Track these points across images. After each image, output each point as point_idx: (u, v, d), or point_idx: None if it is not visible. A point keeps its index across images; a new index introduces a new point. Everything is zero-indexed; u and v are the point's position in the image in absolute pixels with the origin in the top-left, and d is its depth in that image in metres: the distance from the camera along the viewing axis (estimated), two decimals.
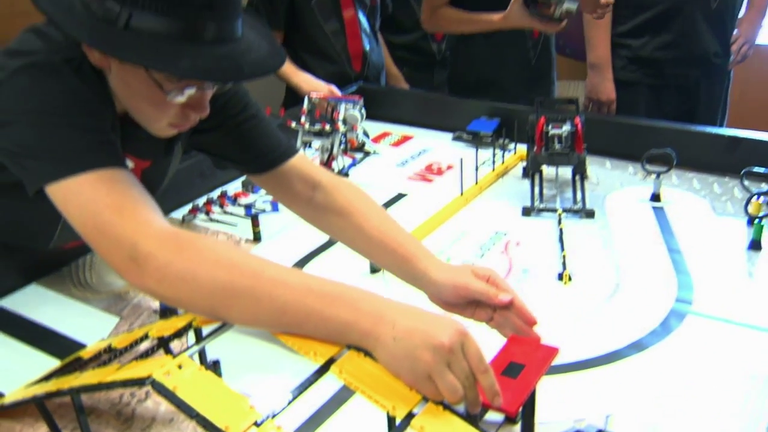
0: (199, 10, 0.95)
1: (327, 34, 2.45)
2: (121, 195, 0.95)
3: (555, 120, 1.75)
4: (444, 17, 2.35)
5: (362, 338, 0.83)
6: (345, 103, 1.96)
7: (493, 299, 1.05)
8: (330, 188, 1.25)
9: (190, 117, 1.09)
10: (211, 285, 0.87)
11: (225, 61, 0.99)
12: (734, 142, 1.88)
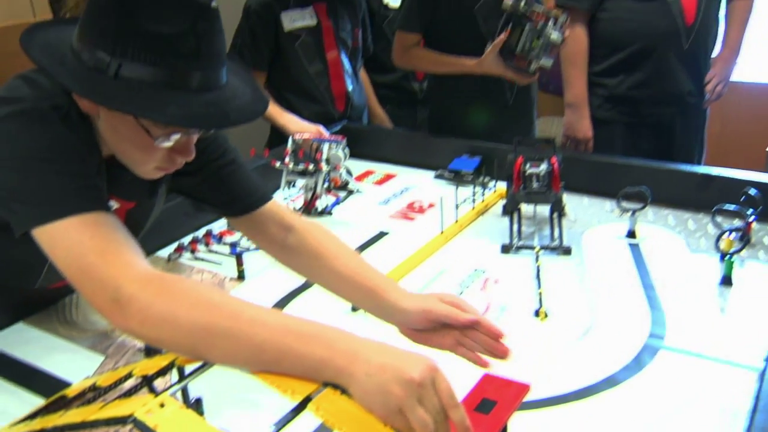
0: (186, 60, 1.00)
1: (311, 75, 2.50)
2: (105, 239, 0.99)
3: (533, 159, 1.80)
4: (416, 56, 2.44)
5: (337, 375, 0.85)
6: (328, 143, 2.01)
7: (458, 319, 1.11)
8: (302, 231, 1.31)
9: (177, 161, 1.13)
10: (192, 326, 0.90)
11: (211, 108, 1.03)
12: (707, 179, 1.93)
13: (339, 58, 2.54)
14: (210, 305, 0.92)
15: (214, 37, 1.04)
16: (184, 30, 1.00)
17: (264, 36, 2.44)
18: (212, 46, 1.04)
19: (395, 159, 2.38)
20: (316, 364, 0.86)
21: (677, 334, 1.37)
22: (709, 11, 2.49)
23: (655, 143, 2.58)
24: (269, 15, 2.45)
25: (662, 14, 2.42)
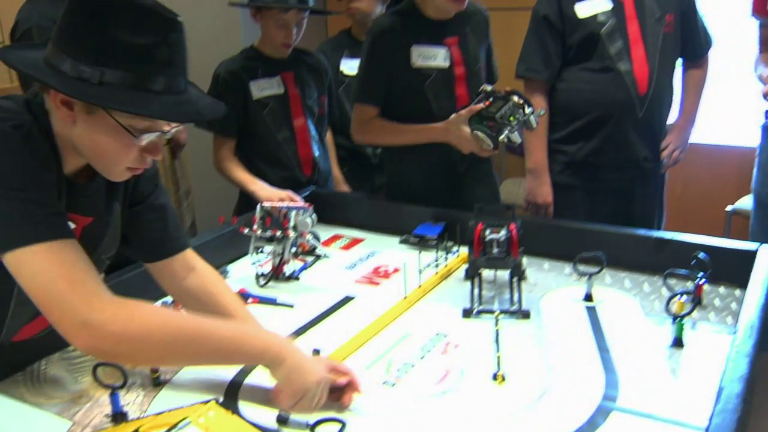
0: (160, 67, 1.18)
1: (279, 141, 2.58)
2: (72, 266, 1.15)
3: (493, 226, 1.86)
4: (376, 128, 2.44)
5: (272, 361, 1.30)
6: (296, 210, 2.06)
7: (333, 382, 1.35)
8: (202, 278, 1.53)
9: (147, 159, 1.27)
10: (164, 342, 1.19)
11: (184, 106, 1.21)
12: (661, 243, 2.01)
13: (306, 124, 2.62)
14: (176, 323, 1.22)
15: (182, 46, 1.22)
16: (158, 41, 1.17)
17: (232, 104, 2.52)
18: (180, 54, 1.22)
19: (362, 224, 2.44)
20: (259, 354, 1.29)
21: (630, 395, 1.41)
22: (661, 81, 2.60)
23: (615, 208, 2.67)
24: (237, 83, 2.53)
25: (617, 85, 2.53)
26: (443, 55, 2.35)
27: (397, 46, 2.32)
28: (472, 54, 2.42)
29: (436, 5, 2.32)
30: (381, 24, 2.36)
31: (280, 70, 2.59)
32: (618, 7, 2.56)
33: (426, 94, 2.36)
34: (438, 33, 2.36)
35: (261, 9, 2.50)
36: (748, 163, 4.07)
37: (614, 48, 2.54)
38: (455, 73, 2.38)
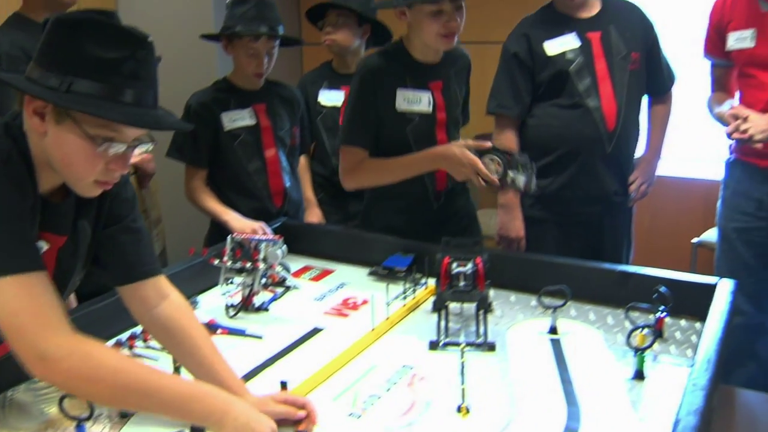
0: (127, 80, 1.25)
1: (250, 172, 2.61)
2: (38, 301, 1.21)
3: (459, 259, 1.90)
4: (366, 170, 2.34)
5: (215, 424, 1.27)
6: (266, 242, 2.08)
7: (293, 417, 1.40)
8: (173, 307, 1.54)
9: (115, 173, 1.32)
10: (113, 387, 1.21)
11: (150, 116, 1.29)
12: (624, 276, 2.05)
13: (277, 156, 2.65)
14: (128, 372, 1.24)
15: (150, 64, 1.29)
16: (126, 55, 1.24)
17: (204, 135, 2.55)
18: (148, 70, 1.28)
19: (332, 255, 2.46)
20: (203, 417, 1.28)
21: (591, 428, 1.44)
22: (628, 117, 2.67)
23: (585, 240, 2.71)
24: (209, 115, 2.56)
25: (586, 121, 2.59)
26: (427, 100, 2.31)
27: (383, 87, 2.29)
28: (453, 99, 2.41)
29: (425, 44, 2.28)
30: (369, 64, 2.31)
31: (252, 102, 2.62)
32: (586, 46, 2.63)
33: (407, 139, 2.32)
34: (423, 76, 2.33)
35: (232, 40, 2.55)
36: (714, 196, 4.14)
37: (583, 85, 2.61)
38: (437, 118, 2.35)
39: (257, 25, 2.50)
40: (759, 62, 2.50)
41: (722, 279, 1.97)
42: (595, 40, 2.65)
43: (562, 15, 2.65)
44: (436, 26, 2.18)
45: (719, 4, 2.66)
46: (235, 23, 2.52)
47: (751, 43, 2.51)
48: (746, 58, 2.54)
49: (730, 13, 2.59)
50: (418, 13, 2.19)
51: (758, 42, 2.49)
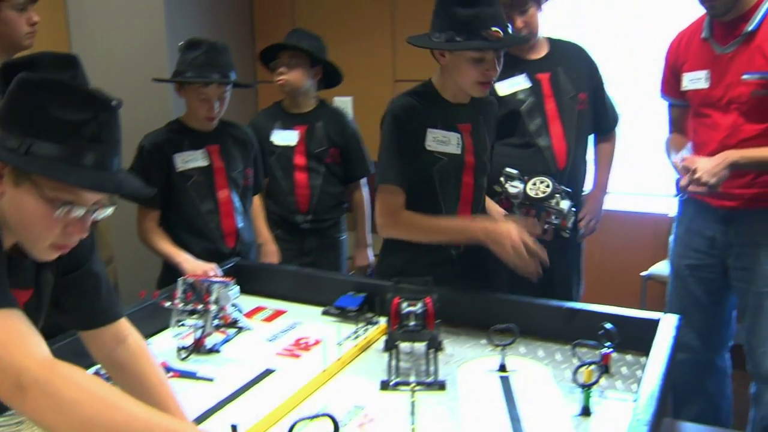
0: (88, 142, 1.23)
1: (202, 213, 2.61)
2: (9, 331, 1.17)
3: (410, 298, 1.92)
4: (406, 223, 2.24)
5: None
6: (218, 284, 2.08)
7: None
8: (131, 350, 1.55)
9: (72, 237, 1.30)
10: (91, 418, 1.12)
11: (111, 180, 1.26)
12: (572, 313, 2.09)
13: (230, 197, 2.67)
14: (105, 402, 1.15)
15: (113, 127, 1.28)
16: (88, 117, 1.23)
17: (156, 176, 2.55)
18: (111, 134, 1.27)
19: (285, 296, 2.47)
20: None
21: None
22: (577, 156, 2.74)
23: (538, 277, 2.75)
24: (161, 155, 2.57)
25: (537, 159, 2.65)
26: (456, 141, 2.28)
27: (415, 126, 2.24)
28: (482, 143, 2.37)
29: (459, 88, 2.26)
30: (402, 103, 2.25)
31: (205, 143, 2.63)
32: (536, 86, 2.69)
33: (433, 178, 2.27)
34: (453, 118, 2.28)
35: (184, 84, 2.56)
36: (662, 230, 4.26)
37: (534, 125, 2.67)
38: (465, 161, 2.30)
39: (208, 71, 2.53)
40: (712, 103, 2.56)
41: (666, 314, 2.02)
42: (544, 80, 2.72)
43: (512, 56, 2.71)
44: (476, 73, 2.17)
45: (674, 45, 2.72)
46: (186, 69, 2.54)
47: (705, 84, 2.57)
48: (701, 98, 2.60)
49: (685, 54, 2.65)
50: (459, 58, 2.16)
51: (712, 83, 2.55)
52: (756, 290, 2.55)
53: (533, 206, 2.34)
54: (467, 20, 2.09)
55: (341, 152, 3.19)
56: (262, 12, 4.93)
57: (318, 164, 3.13)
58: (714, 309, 2.76)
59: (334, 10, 4.71)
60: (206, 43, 2.57)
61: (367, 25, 4.62)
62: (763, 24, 2.42)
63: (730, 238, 2.61)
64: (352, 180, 3.28)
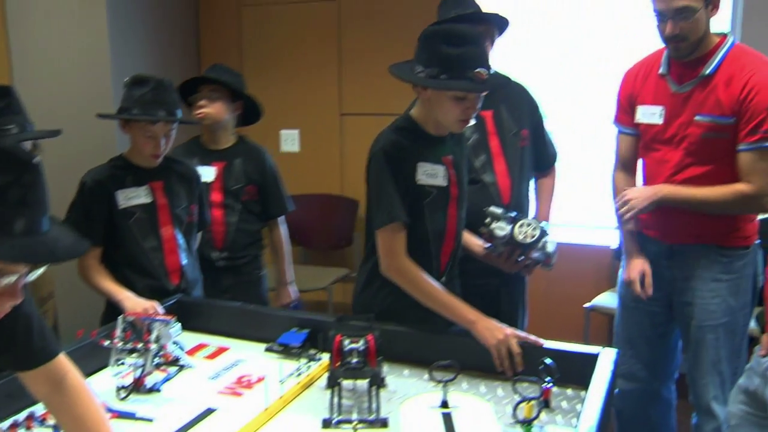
0: (13, 207, 1.17)
1: (145, 250, 2.58)
2: None
3: (352, 336, 1.92)
4: (411, 277, 2.23)
5: None
6: (159, 322, 2.06)
7: None
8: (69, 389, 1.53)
9: (6, 305, 1.27)
10: None
11: (38, 247, 1.20)
12: None
13: (173, 234, 2.64)
14: None
15: (38, 187, 1.22)
16: (9, 181, 1.17)
17: (98, 213, 2.53)
18: (37, 194, 1.21)
19: (228, 332, 2.45)
20: None
21: None
22: (520, 191, 2.79)
23: (482, 310, 2.76)
24: (104, 192, 2.54)
25: (482, 195, 2.67)
26: (443, 174, 2.29)
27: (405, 161, 2.24)
28: (463, 174, 2.41)
29: (441, 124, 2.27)
30: (390, 141, 2.25)
31: (149, 179, 2.61)
32: (480, 123, 2.73)
33: (423, 212, 2.27)
34: (438, 151, 2.31)
35: (129, 120, 2.54)
36: (604, 262, 4.34)
37: (479, 161, 2.71)
38: (451, 193, 2.33)
39: (155, 109, 2.51)
40: (664, 139, 2.61)
41: (605, 349, 2.05)
42: (488, 118, 2.76)
43: None
44: (457, 111, 2.18)
45: (632, 75, 2.76)
46: (132, 105, 2.53)
47: (659, 120, 2.62)
48: (653, 134, 2.65)
49: (641, 87, 2.70)
50: (442, 95, 2.17)
51: (666, 120, 2.60)
52: (698, 324, 2.62)
53: (519, 247, 2.36)
54: (454, 59, 2.11)
55: (259, 190, 3.19)
56: (208, 48, 4.93)
57: (234, 201, 3.11)
58: (660, 341, 2.82)
59: (282, 45, 4.74)
60: (153, 80, 2.56)
61: (314, 60, 4.66)
62: (720, 68, 2.49)
63: (673, 272, 2.68)
64: (270, 218, 3.27)
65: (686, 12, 2.41)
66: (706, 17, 2.46)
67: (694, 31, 2.45)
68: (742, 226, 2.60)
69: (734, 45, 2.54)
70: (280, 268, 3.34)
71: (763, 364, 1.96)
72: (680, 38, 2.46)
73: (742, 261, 2.61)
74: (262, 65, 4.80)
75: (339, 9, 4.57)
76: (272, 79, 4.77)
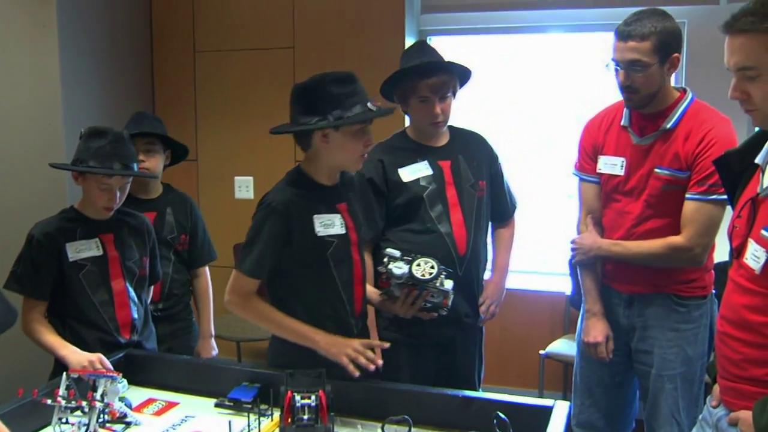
0: None
1: (95, 304, 2.52)
2: None
3: (303, 391, 1.89)
4: (255, 310, 2.29)
5: None
6: (104, 378, 2.01)
7: None
8: None
9: None
10: None
11: None
12: (467, 402, 2.10)
13: (125, 287, 2.59)
14: None
15: None
16: None
17: (46, 266, 2.47)
18: None
19: (178, 386, 2.39)
20: None
21: None
22: (477, 242, 2.78)
23: (438, 361, 2.76)
24: (53, 245, 2.49)
25: (438, 245, 2.66)
26: (339, 222, 2.32)
27: (299, 217, 2.26)
28: (358, 219, 2.44)
29: (332, 169, 2.32)
30: (282, 199, 2.26)
31: (100, 232, 2.57)
32: (438, 174, 2.73)
33: (328, 262, 2.30)
34: (331, 200, 2.34)
35: (84, 172, 2.50)
36: (559, 308, 4.37)
37: (435, 211, 2.70)
38: (350, 239, 2.36)
39: (112, 161, 2.48)
40: (625, 191, 2.64)
41: (558, 402, 2.04)
42: (446, 168, 2.76)
43: (414, 143, 2.77)
44: (360, 146, 2.26)
45: (595, 124, 2.78)
46: (89, 158, 2.49)
47: (620, 171, 2.64)
48: (614, 184, 2.67)
49: (603, 137, 2.72)
50: (345, 134, 2.22)
51: (627, 171, 2.62)
52: (656, 373, 2.63)
53: (416, 286, 2.36)
54: (346, 96, 2.20)
55: (189, 238, 3.16)
56: (162, 93, 4.91)
57: (168, 251, 3.07)
58: (617, 390, 2.82)
59: (237, 92, 4.73)
60: (111, 132, 2.54)
61: (269, 106, 4.64)
62: (680, 122, 2.53)
63: (632, 321, 2.69)
64: (197, 266, 3.24)
65: (638, 65, 2.46)
66: (662, 74, 2.50)
67: (647, 85, 2.49)
68: (699, 276, 2.62)
69: (694, 100, 2.59)
70: (204, 320, 3.26)
71: (715, 415, 1.97)
72: (632, 89, 2.51)
73: (699, 311, 2.63)
74: (216, 111, 4.79)
75: (294, 56, 4.59)
76: (227, 125, 4.76)
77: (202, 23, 4.77)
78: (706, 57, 3.90)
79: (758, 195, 1.83)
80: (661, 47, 2.46)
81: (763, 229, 1.76)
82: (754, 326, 1.79)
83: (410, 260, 2.37)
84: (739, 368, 1.84)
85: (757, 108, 1.75)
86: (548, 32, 4.51)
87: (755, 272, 1.77)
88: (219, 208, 4.78)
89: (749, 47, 1.71)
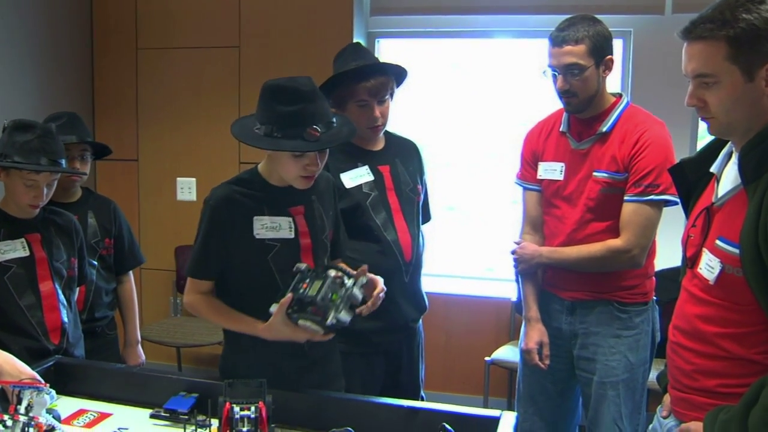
0: None
1: (22, 308, 2.41)
2: None
3: (242, 403, 1.82)
4: (207, 306, 2.25)
5: None
6: (30, 389, 1.90)
7: None
8: None
9: None
10: None
11: None
12: (411, 413, 2.05)
13: (53, 289, 2.49)
14: None
15: None
16: None
17: None
18: None
19: (111, 397, 2.29)
20: None
21: None
22: (419, 247, 2.75)
23: (386, 367, 2.73)
24: None
25: (385, 253, 2.62)
26: (288, 226, 2.22)
27: (237, 217, 2.18)
28: (318, 223, 2.31)
29: (282, 178, 2.21)
30: (221, 195, 2.20)
31: (26, 232, 2.46)
32: (379, 179, 2.68)
33: (269, 266, 2.20)
34: (282, 202, 2.23)
35: (7, 168, 2.39)
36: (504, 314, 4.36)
37: (380, 219, 2.65)
38: (301, 244, 2.25)
39: (38, 157, 2.38)
40: (564, 196, 2.65)
41: (505, 412, 2.01)
42: (386, 173, 2.72)
43: (352, 146, 2.70)
44: (297, 168, 2.14)
45: (534, 133, 2.79)
46: (14, 152, 2.38)
47: (559, 176, 2.66)
48: (553, 190, 2.68)
49: (543, 145, 2.73)
50: (281, 153, 2.13)
51: (566, 176, 2.64)
52: (599, 380, 2.63)
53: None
54: (287, 117, 2.07)
55: (115, 242, 3.07)
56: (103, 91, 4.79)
57: (93, 256, 2.95)
58: (560, 399, 2.82)
59: (180, 91, 4.63)
60: (39, 126, 2.44)
61: (213, 106, 4.56)
62: (616, 126, 2.57)
63: (574, 327, 2.69)
64: (123, 271, 3.14)
65: (575, 68, 2.49)
66: (598, 76, 2.54)
67: (584, 88, 2.52)
68: (641, 282, 2.63)
69: (629, 104, 2.63)
70: (129, 328, 3.15)
71: (665, 426, 1.95)
72: (570, 94, 2.53)
73: (641, 317, 2.64)
74: (159, 110, 4.68)
75: (239, 55, 4.51)
76: (169, 125, 4.66)
77: (145, 19, 4.65)
78: (652, 65, 3.95)
79: (713, 204, 1.82)
80: (595, 50, 2.50)
81: (717, 239, 1.75)
82: (707, 337, 1.78)
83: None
84: (690, 379, 1.83)
85: (713, 116, 1.74)
86: (495, 37, 4.52)
87: (709, 282, 1.76)
88: (160, 209, 4.69)
89: (707, 54, 1.69)
